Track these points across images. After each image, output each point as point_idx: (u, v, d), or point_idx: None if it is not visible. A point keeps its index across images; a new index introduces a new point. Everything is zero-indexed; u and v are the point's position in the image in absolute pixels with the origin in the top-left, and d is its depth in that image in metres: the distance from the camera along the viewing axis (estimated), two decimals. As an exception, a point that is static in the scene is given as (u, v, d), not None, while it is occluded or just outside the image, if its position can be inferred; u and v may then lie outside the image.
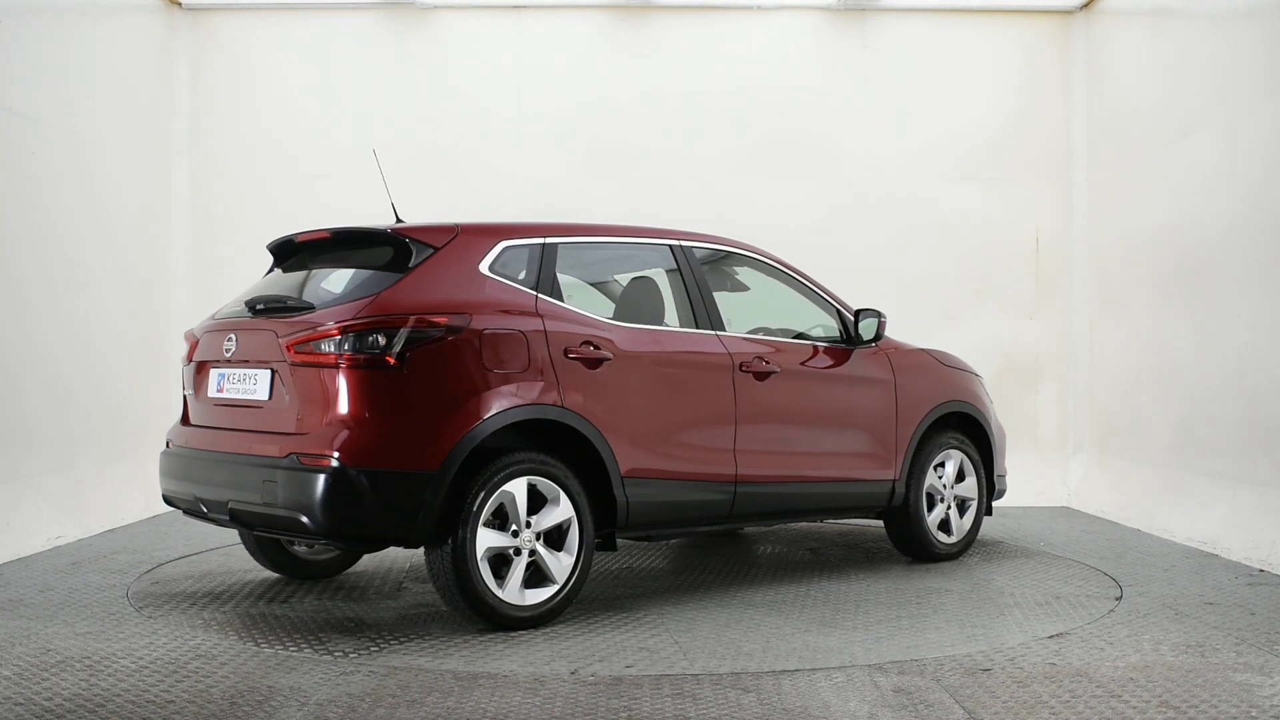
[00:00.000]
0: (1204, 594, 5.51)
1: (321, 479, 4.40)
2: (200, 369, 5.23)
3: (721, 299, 6.11)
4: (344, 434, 4.45)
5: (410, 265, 4.80)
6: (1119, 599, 5.40)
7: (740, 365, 5.50)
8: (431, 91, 9.26)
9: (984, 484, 6.56)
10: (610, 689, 3.97)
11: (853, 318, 6.05)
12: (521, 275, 5.02)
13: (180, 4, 9.12)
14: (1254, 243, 6.79)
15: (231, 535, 7.02)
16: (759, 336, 5.80)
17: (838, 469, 5.90)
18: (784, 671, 4.18)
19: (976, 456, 6.53)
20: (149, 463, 7.22)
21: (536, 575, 4.83)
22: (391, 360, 4.48)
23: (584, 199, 9.04)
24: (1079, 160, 9.32)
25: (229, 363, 4.99)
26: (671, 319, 5.55)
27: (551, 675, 4.13)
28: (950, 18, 9.38)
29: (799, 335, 6.05)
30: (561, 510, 4.82)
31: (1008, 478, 7.01)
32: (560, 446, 4.92)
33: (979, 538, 7.11)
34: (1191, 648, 4.50)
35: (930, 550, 6.29)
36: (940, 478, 6.36)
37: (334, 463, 4.41)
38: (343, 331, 4.51)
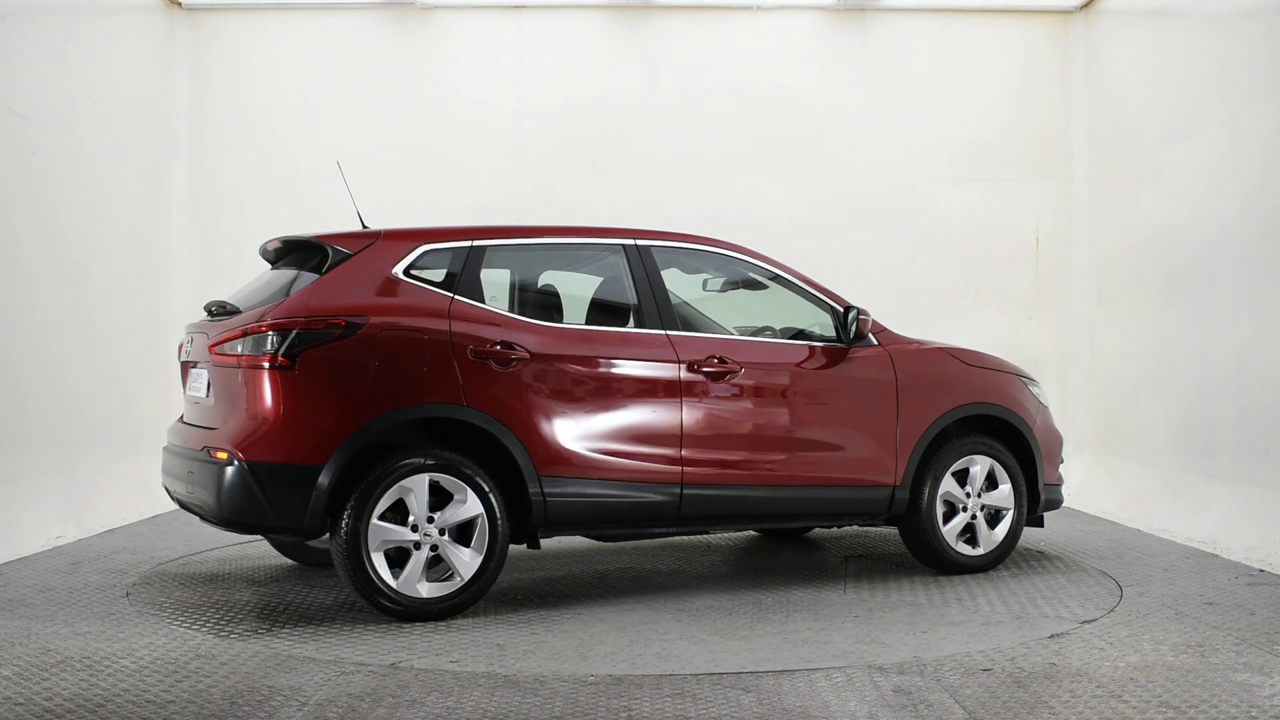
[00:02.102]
0: (1204, 594, 5.51)
1: (217, 470, 4.80)
2: (184, 368, 5.61)
3: (708, 299, 6.08)
4: (241, 429, 4.83)
5: (324, 270, 5.08)
6: (1119, 599, 5.40)
7: (690, 365, 5.39)
8: (431, 91, 9.27)
9: (1022, 492, 6.07)
10: (610, 689, 3.97)
11: (843, 316, 5.83)
12: (440, 278, 5.19)
13: (180, 4, 9.12)
14: (1254, 242, 6.79)
15: (230, 535, 7.03)
16: (722, 336, 5.64)
17: (817, 473, 5.63)
18: (784, 671, 4.18)
19: (1013, 463, 6.04)
20: (150, 463, 7.22)
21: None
22: (282, 360, 4.78)
23: (584, 198, 9.05)
24: (1079, 160, 9.33)
25: (191, 363, 5.42)
26: (624, 319, 5.52)
27: (551, 675, 4.14)
28: (950, 17, 9.38)
29: (799, 334, 5.92)
30: (469, 507, 4.94)
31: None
32: (475, 445, 5.06)
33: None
34: (1191, 648, 4.50)
35: (950, 562, 5.90)
36: (965, 485, 5.95)
37: (228, 456, 4.77)
38: (244, 334, 4.91)
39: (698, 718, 3.66)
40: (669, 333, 5.44)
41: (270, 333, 4.82)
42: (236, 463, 4.74)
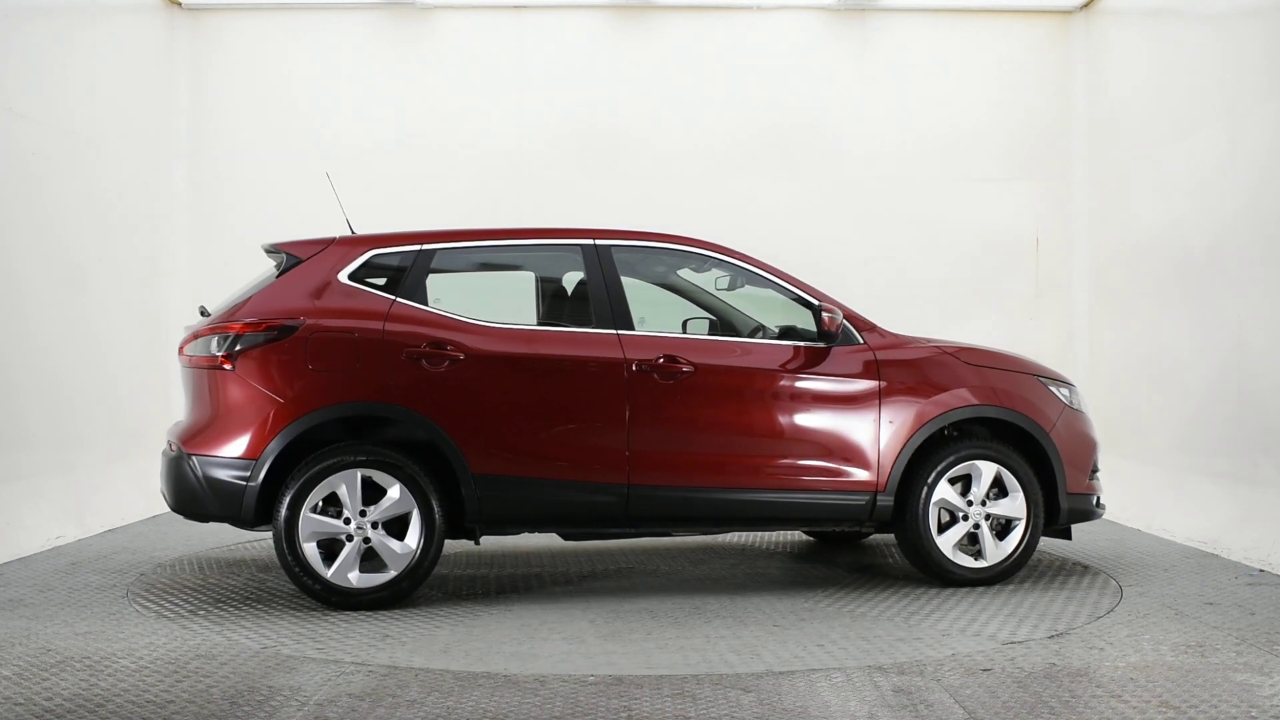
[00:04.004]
0: (1204, 594, 5.51)
1: (168, 463, 5.32)
2: None
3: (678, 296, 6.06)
4: (190, 425, 5.31)
5: (277, 275, 5.43)
6: (1119, 599, 5.40)
7: (638, 365, 5.34)
8: (431, 91, 9.27)
9: (1037, 501, 5.66)
10: (610, 689, 3.97)
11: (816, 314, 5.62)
12: (384, 282, 5.42)
13: (180, 4, 9.12)
14: (1253, 242, 6.79)
15: (230, 536, 7.04)
16: (678, 335, 5.53)
17: (782, 475, 5.46)
18: (784, 672, 4.18)
19: (1026, 470, 5.66)
20: (149, 463, 7.21)
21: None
22: (223, 361, 5.17)
23: (584, 197, 9.05)
24: (1079, 160, 9.32)
25: None
26: (580, 318, 5.54)
27: (552, 675, 4.14)
28: (950, 18, 9.38)
29: (787, 333, 5.76)
30: (401, 503, 5.14)
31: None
32: (412, 443, 5.29)
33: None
34: (1191, 648, 4.50)
35: (947, 573, 5.60)
36: (968, 492, 5.64)
37: (177, 450, 5.25)
38: (195, 337, 5.33)
39: (698, 718, 3.66)
40: (620, 332, 5.42)
41: (214, 335, 5.23)
42: (180, 456, 5.22)
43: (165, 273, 9.03)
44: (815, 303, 5.63)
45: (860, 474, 5.53)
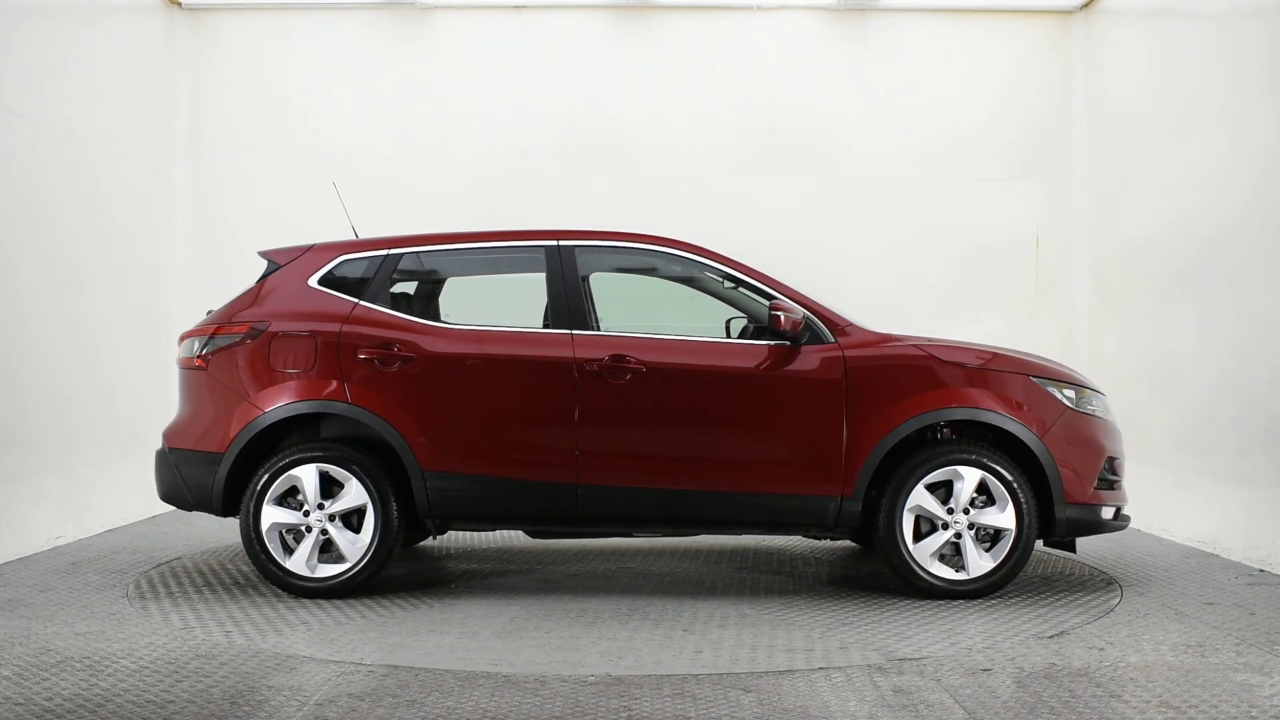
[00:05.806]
0: (1204, 594, 5.51)
1: (156, 456, 5.75)
2: None
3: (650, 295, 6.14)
4: (174, 421, 5.75)
5: (258, 280, 5.76)
6: (1119, 599, 5.40)
7: (585, 365, 5.35)
8: (431, 91, 9.28)
9: (1026, 510, 5.33)
10: (610, 689, 3.97)
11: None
12: (352, 285, 5.66)
13: (180, 4, 9.12)
14: (1254, 242, 6.79)
15: (230, 536, 7.04)
16: (634, 335, 5.44)
17: (738, 477, 5.36)
18: (784, 671, 4.18)
19: (1017, 477, 5.34)
20: (149, 463, 7.21)
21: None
22: (199, 362, 5.58)
23: (584, 197, 9.05)
24: (1079, 160, 9.32)
25: None
26: (540, 318, 5.61)
27: (552, 675, 4.14)
28: (950, 17, 9.38)
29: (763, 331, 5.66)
30: (355, 496, 5.38)
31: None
32: (369, 441, 5.53)
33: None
34: (1191, 648, 4.50)
35: (920, 585, 5.33)
36: (950, 500, 5.35)
37: (160, 444, 5.72)
38: (183, 338, 5.74)
39: (698, 718, 3.66)
40: (574, 332, 5.45)
41: (196, 337, 5.63)
42: (162, 450, 5.68)
43: (164, 273, 9.03)
44: (777, 298, 5.46)
45: (822, 478, 5.34)
